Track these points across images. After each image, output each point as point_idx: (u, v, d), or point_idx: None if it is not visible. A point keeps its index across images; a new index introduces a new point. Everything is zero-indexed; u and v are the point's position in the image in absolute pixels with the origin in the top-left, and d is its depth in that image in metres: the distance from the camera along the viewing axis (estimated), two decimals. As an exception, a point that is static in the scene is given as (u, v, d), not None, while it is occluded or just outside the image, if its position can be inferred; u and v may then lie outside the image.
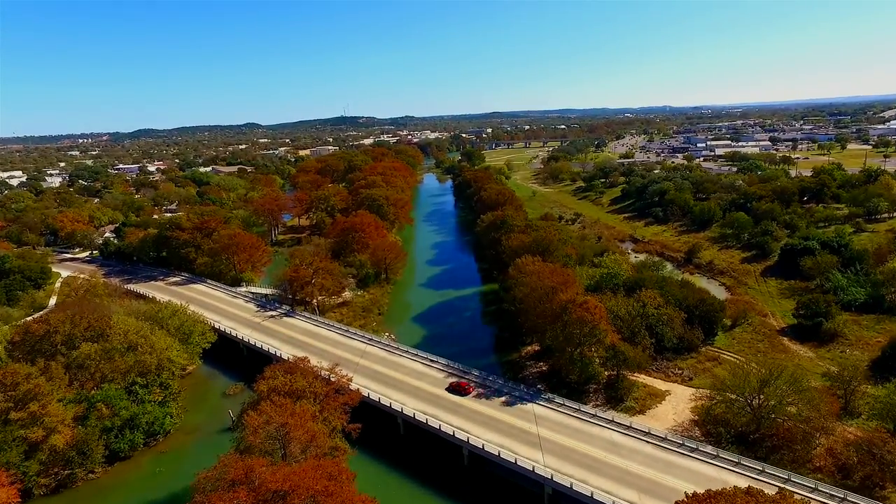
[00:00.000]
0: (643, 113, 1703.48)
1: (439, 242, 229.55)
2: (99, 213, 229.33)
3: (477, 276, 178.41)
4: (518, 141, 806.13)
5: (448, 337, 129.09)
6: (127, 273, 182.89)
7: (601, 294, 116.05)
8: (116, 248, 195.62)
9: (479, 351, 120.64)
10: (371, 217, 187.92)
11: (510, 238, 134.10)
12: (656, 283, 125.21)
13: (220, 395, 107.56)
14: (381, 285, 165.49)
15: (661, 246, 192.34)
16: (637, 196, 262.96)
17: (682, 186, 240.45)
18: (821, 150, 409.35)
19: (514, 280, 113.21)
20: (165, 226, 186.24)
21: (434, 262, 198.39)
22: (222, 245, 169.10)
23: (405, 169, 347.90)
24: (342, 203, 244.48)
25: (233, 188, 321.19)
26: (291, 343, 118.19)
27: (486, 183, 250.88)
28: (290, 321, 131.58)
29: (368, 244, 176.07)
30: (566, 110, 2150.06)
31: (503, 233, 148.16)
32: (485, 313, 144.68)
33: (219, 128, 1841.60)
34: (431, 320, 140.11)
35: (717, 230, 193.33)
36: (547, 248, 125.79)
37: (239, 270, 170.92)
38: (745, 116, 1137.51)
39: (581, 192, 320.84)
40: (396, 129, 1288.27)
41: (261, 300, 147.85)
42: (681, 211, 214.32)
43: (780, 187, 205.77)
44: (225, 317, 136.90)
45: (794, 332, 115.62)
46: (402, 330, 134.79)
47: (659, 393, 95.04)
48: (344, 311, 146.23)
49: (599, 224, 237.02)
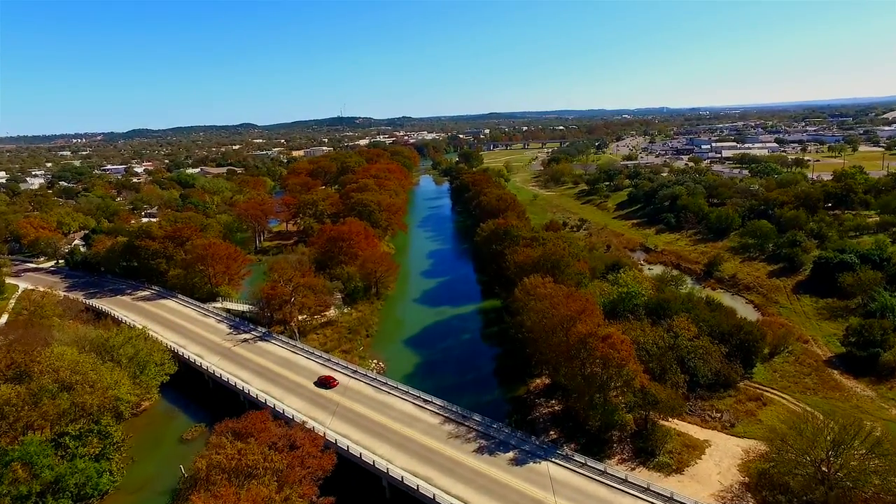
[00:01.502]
0: (640, 114, 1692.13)
1: (436, 251, 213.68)
2: (68, 218, 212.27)
3: (476, 290, 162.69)
4: (516, 142, 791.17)
5: (444, 365, 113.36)
6: (93, 286, 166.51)
7: (621, 321, 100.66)
8: (83, 257, 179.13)
9: (481, 383, 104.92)
10: (361, 225, 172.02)
11: (515, 252, 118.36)
12: (682, 304, 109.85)
13: (177, 440, 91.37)
14: (370, 301, 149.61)
15: (676, 256, 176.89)
16: (645, 201, 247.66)
17: (695, 191, 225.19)
18: (831, 153, 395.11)
19: (522, 303, 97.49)
20: (135, 234, 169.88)
21: (430, 273, 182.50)
22: (196, 256, 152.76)
23: (400, 171, 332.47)
24: (332, 208, 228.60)
25: (218, 191, 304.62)
26: (263, 376, 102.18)
27: (486, 187, 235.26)
28: (265, 346, 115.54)
29: (357, 255, 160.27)
30: (564, 111, 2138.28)
31: (506, 245, 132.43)
32: (486, 335, 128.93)
33: (214, 128, 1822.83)
34: (426, 344, 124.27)
35: (737, 239, 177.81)
36: (557, 263, 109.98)
37: (214, 284, 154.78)
38: (744, 118, 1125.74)
39: (584, 195, 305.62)
40: (393, 129, 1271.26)
41: (234, 320, 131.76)
42: (695, 218, 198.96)
43: (804, 193, 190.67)
44: (192, 340, 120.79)
45: (845, 364, 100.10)
46: (393, 355, 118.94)
47: (697, 444, 79.38)
48: (328, 332, 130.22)
49: (607, 231, 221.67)
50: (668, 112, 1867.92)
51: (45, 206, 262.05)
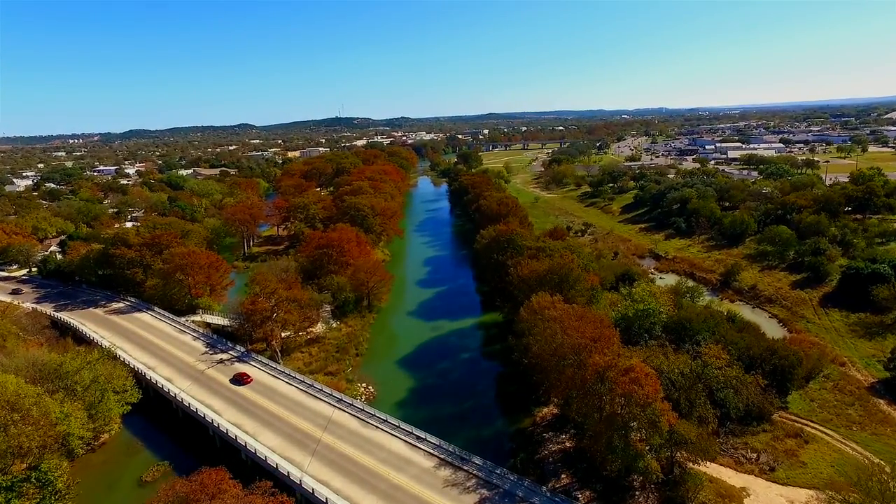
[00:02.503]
0: (640, 114, 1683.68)
1: (433, 257, 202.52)
2: (45, 223, 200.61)
3: (476, 302, 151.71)
4: (515, 142, 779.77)
5: (441, 390, 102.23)
6: (65, 296, 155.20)
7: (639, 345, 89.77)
8: (56, 265, 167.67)
9: (481, 413, 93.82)
10: (352, 231, 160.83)
11: (519, 265, 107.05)
12: (704, 322, 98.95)
13: (135, 483, 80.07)
14: (361, 314, 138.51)
15: (689, 264, 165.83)
16: (652, 204, 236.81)
17: (706, 194, 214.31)
18: (840, 153, 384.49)
19: (528, 324, 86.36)
20: (110, 241, 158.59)
21: (427, 282, 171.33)
22: (173, 265, 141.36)
23: (396, 173, 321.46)
24: (324, 212, 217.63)
25: (207, 193, 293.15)
26: (237, 405, 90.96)
27: (485, 189, 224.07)
28: (242, 368, 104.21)
29: (349, 264, 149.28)
30: (562, 112, 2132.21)
31: (509, 255, 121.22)
32: (486, 354, 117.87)
33: (212, 128, 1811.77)
34: (421, 364, 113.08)
35: (754, 246, 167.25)
36: (566, 278, 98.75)
37: (194, 295, 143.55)
38: (745, 118, 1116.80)
39: (588, 198, 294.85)
40: (391, 130, 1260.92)
41: (211, 338, 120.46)
42: (707, 222, 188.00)
43: (824, 196, 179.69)
44: (164, 361, 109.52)
45: (891, 392, 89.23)
46: (385, 378, 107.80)
47: (733, 493, 68.30)
48: (314, 350, 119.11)
49: (613, 236, 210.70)
50: (667, 112, 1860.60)
51: (25, 210, 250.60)
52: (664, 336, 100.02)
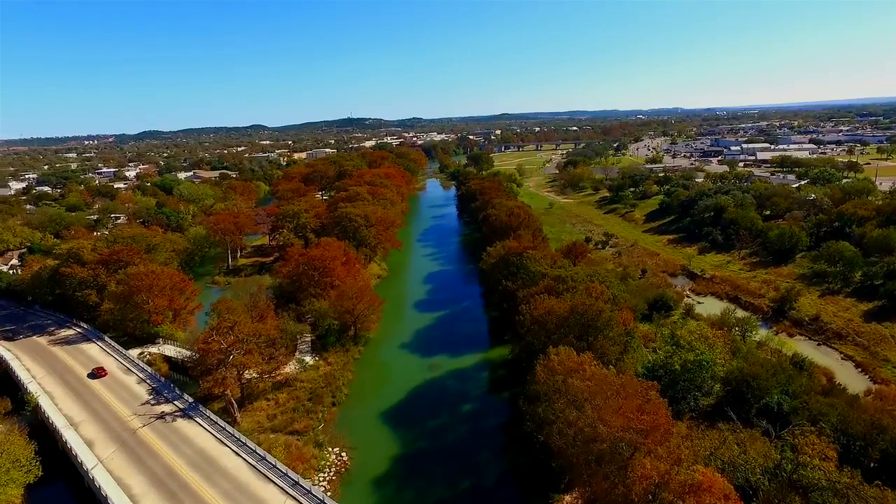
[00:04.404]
0: (655, 115, 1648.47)
1: (436, 273, 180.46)
2: (8, 233, 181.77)
3: (482, 330, 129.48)
4: (528, 143, 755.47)
5: (432, 460, 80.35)
6: (12, 320, 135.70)
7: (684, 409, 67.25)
8: (8, 283, 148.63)
9: (482, 498, 71.83)
10: (339, 248, 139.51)
11: (532, 301, 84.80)
12: (772, 375, 76.12)
13: None
14: (346, 347, 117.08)
15: (731, 286, 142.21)
16: (681, 212, 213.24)
17: (744, 201, 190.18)
18: (880, 154, 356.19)
19: (545, 389, 64.21)
20: (64, 257, 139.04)
21: (427, 304, 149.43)
22: (130, 287, 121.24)
23: (401, 176, 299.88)
24: (316, 220, 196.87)
25: (198, 198, 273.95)
26: (163, 487, 69.78)
27: (495, 196, 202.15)
28: (185, 429, 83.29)
29: (336, 285, 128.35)
30: (576, 112, 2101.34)
31: (520, 283, 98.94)
32: (492, 405, 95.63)
33: (224, 129, 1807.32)
34: (410, 420, 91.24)
35: (807, 265, 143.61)
36: (594, 322, 76.17)
37: (153, 322, 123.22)
38: (765, 117, 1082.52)
39: (607, 203, 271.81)
40: (403, 131, 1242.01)
41: (159, 381, 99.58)
42: (748, 235, 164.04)
43: (891, 206, 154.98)
44: (93, 414, 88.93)
45: None
46: (363, 439, 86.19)
47: None
48: (282, 397, 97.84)
49: (639, 249, 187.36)
50: (683, 112, 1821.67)
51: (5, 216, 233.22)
52: (719, 391, 77.54)
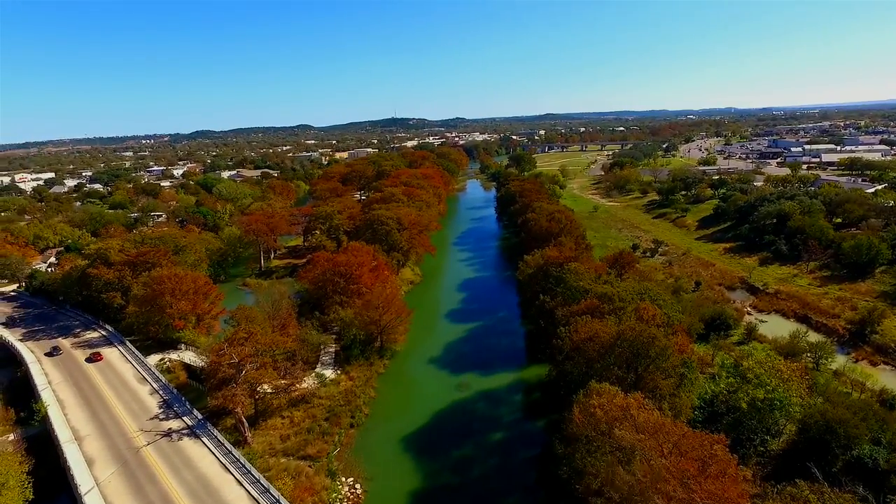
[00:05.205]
0: (706, 114, 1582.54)
1: (472, 279, 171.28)
2: (48, 231, 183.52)
3: (518, 346, 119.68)
4: (573, 143, 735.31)
5: (455, 500, 71.45)
6: (42, 320, 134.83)
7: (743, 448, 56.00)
8: (41, 282, 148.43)
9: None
10: (368, 253, 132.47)
11: (574, 323, 74.40)
12: (862, 420, 63.64)
13: None
14: (370, 360, 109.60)
15: (799, 303, 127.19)
16: (739, 218, 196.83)
17: (811, 208, 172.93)
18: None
19: (584, 433, 54.16)
20: (92, 257, 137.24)
21: (460, 314, 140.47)
22: (153, 290, 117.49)
23: (439, 177, 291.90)
24: (350, 222, 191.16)
25: (236, 197, 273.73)
26: (157, 520, 63.65)
27: (536, 198, 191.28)
28: (189, 449, 77.23)
29: (362, 293, 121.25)
30: (623, 112, 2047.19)
31: (559, 299, 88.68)
32: (526, 435, 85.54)
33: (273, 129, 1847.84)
34: (434, 447, 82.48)
35: (889, 281, 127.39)
36: (645, 351, 65.22)
37: (176, 327, 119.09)
38: (827, 117, 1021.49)
39: (656, 207, 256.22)
40: (445, 131, 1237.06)
41: (172, 393, 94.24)
42: (818, 245, 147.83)
43: None
44: (99, 427, 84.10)
45: None
46: (380, 466, 78.14)
47: None
48: (298, 414, 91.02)
49: (691, 258, 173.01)
50: (737, 112, 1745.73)
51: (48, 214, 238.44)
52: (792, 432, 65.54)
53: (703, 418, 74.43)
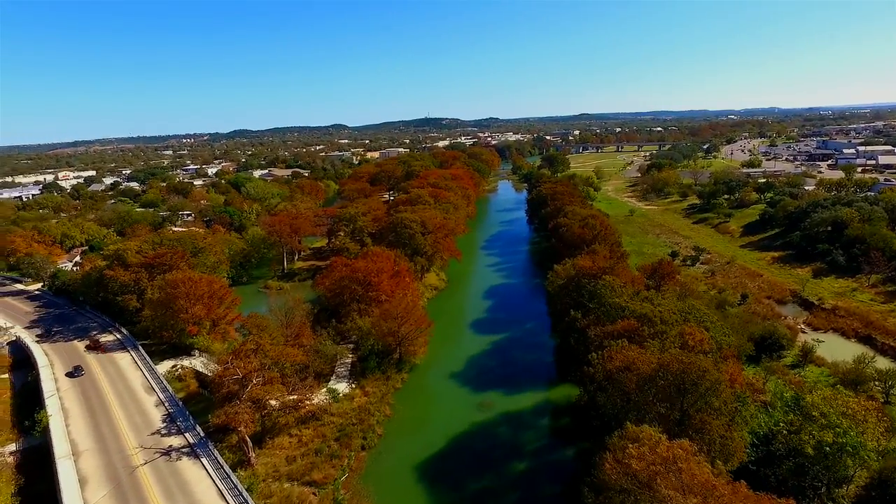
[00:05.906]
0: (748, 114, 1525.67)
1: (499, 286, 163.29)
2: (76, 230, 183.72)
3: (547, 360, 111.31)
4: (608, 144, 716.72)
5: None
6: (61, 321, 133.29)
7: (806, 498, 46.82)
8: (63, 282, 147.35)
9: None
10: (388, 258, 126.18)
11: (609, 348, 65.92)
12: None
13: None
14: (387, 374, 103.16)
15: (861, 321, 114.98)
16: (788, 225, 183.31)
17: (872, 215, 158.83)
18: None
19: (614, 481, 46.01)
20: (110, 259, 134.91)
21: (484, 324, 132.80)
22: (167, 294, 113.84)
23: (469, 178, 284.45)
24: (374, 224, 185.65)
25: (264, 197, 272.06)
26: (141, 556, 58.26)
27: (568, 202, 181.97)
28: (187, 471, 71.96)
29: (381, 301, 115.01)
30: (660, 112, 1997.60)
31: (594, 318, 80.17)
32: (552, 469, 77.47)
33: (308, 129, 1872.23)
34: (452, 480, 75.04)
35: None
36: (693, 386, 56.32)
37: (190, 333, 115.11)
38: (879, 117, 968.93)
39: (696, 212, 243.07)
40: (478, 130, 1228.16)
41: (176, 406, 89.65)
42: (882, 256, 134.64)
43: None
44: (99, 443, 79.79)
45: None
46: (390, 497, 71.39)
47: None
48: (307, 433, 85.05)
49: (735, 268, 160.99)
50: (781, 112, 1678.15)
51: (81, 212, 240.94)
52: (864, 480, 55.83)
53: (756, 458, 65.19)
